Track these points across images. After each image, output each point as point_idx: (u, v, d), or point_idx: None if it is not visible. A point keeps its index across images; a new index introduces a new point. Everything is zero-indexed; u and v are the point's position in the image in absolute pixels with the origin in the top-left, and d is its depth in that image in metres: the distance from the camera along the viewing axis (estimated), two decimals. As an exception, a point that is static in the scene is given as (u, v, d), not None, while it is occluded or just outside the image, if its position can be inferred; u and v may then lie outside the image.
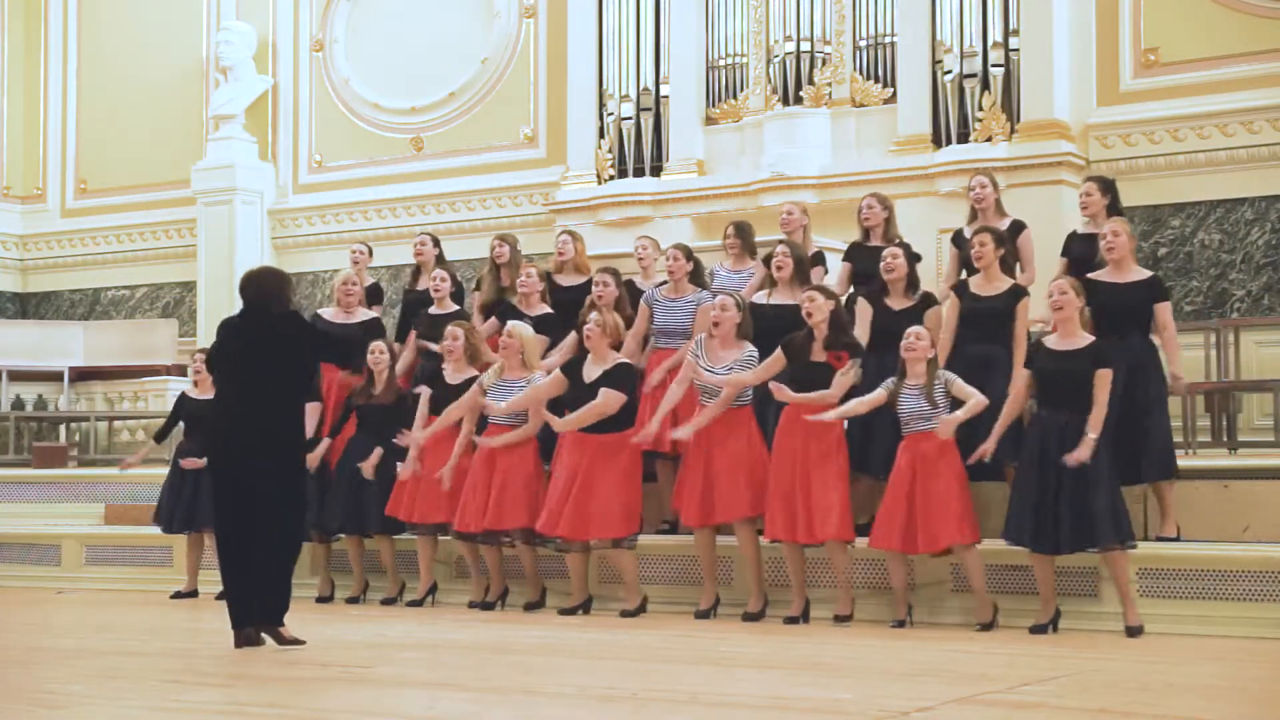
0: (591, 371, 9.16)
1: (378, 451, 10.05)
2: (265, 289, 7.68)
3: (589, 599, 9.39)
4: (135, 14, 17.56)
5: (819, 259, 9.92)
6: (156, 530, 11.88)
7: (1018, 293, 8.95)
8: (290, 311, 7.79)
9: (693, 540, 9.23)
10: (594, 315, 9.28)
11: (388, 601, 10.25)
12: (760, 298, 9.55)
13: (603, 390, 9.02)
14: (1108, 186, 9.41)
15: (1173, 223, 12.19)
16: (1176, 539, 8.66)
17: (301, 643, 7.47)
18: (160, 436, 11.29)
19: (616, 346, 9.31)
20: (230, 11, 16.80)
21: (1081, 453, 7.90)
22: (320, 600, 10.41)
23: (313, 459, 9.90)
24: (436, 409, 9.86)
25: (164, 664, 7.28)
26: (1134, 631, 7.97)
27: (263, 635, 7.48)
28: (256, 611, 7.50)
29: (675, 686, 6.23)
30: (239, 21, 16.64)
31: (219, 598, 10.67)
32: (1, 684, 6.42)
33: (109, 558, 12.13)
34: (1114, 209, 9.32)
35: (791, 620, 8.70)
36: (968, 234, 9.57)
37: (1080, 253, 9.21)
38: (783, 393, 8.55)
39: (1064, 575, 8.39)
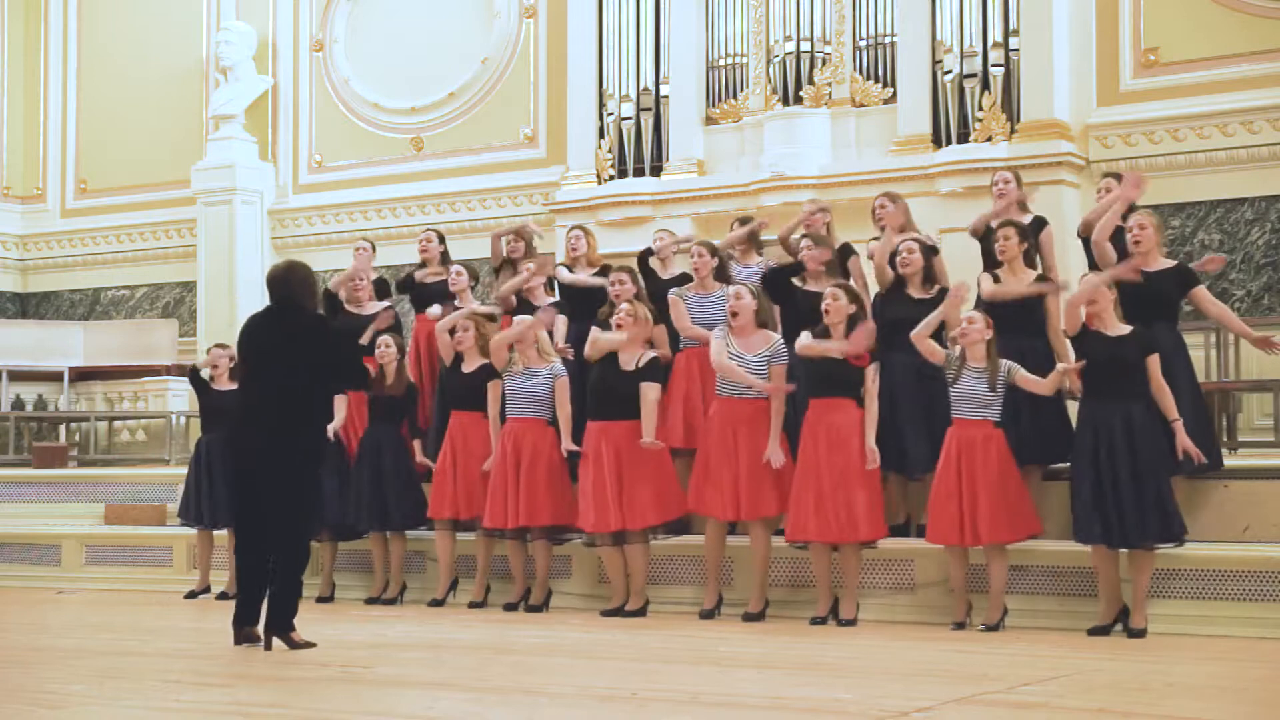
0: (624, 359, 9.17)
1: (417, 444, 10.17)
2: (293, 288, 7.63)
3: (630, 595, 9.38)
4: (135, 14, 17.56)
5: (848, 250, 9.96)
6: (156, 530, 11.91)
7: (1043, 283, 8.96)
8: (317, 316, 7.75)
9: (693, 540, 9.22)
10: (625, 305, 9.30)
11: (388, 602, 10.26)
12: (796, 283, 9.57)
13: (643, 386, 9.05)
14: None
15: (1173, 223, 12.18)
16: (1176, 539, 8.66)
17: (313, 645, 7.46)
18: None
19: (646, 339, 9.31)
20: (230, 11, 16.79)
21: (1186, 443, 7.98)
22: (320, 600, 10.41)
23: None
24: (453, 399, 9.91)
25: (164, 664, 7.28)
26: (1136, 634, 7.96)
27: (274, 640, 7.45)
28: (267, 618, 7.48)
29: (675, 686, 6.23)
30: (239, 21, 16.63)
31: (219, 597, 10.71)
32: (1, 684, 6.42)
33: (109, 558, 12.13)
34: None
35: (819, 620, 8.67)
36: (992, 225, 9.61)
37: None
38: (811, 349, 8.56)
39: (1063, 575, 8.38)
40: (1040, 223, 9.57)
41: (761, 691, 6.10)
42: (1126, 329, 8.13)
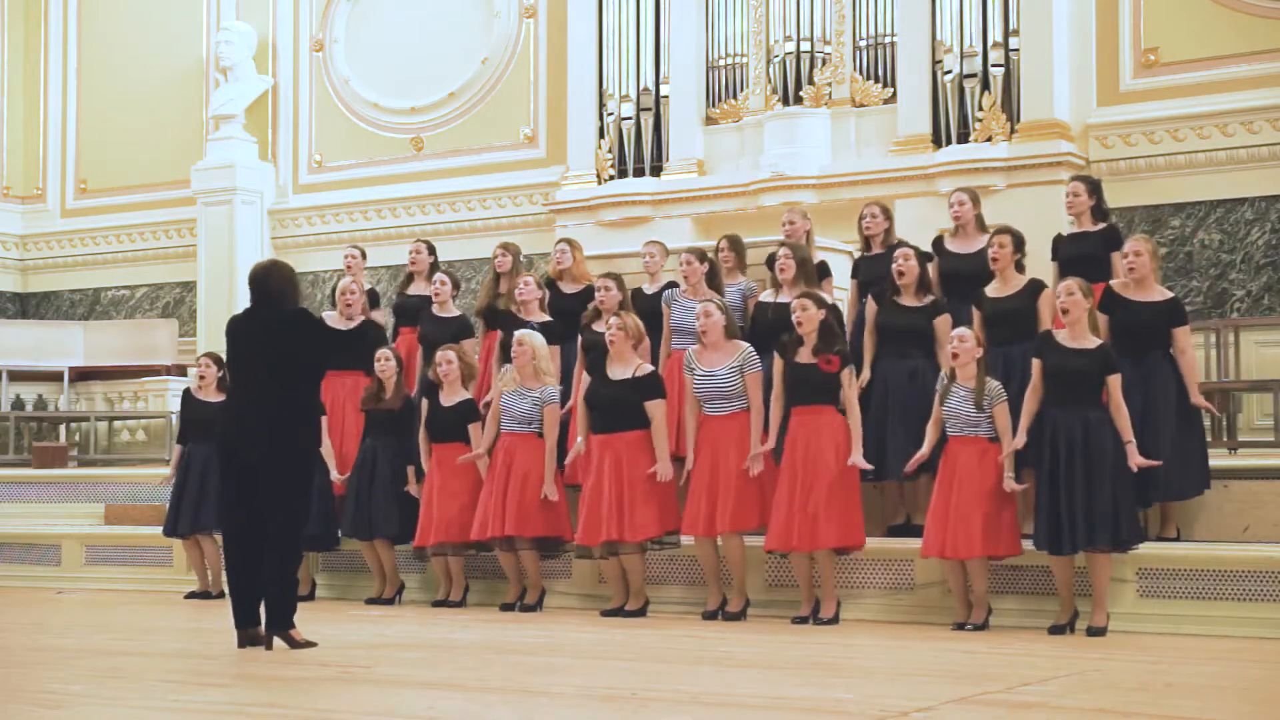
0: (617, 372, 9.13)
1: (411, 471, 10.12)
2: (274, 285, 7.63)
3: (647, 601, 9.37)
4: (135, 14, 17.56)
5: (825, 270, 9.90)
6: (156, 530, 11.89)
7: (1036, 288, 8.91)
8: (299, 309, 7.74)
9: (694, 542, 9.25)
10: (614, 319, 9.24)
11: (385, 602, 10.25)
12: (767, 296, 9.57)
13: (649, 406, 8.99)
14: (1095, 187, 9.39)
15: (1173, 223, 12.19)
16: (1176, 539, 8.66)
17: (313, 644, 7.46)
18: (183, 440, 11.23)
19: (637, 347, 9.28)
20: (230, 11, 16.80)
21: (1139, 460, 7.97)
22: (300, 599, 10.37)
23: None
24: (433, 432, 9.89)
25: (164, 664, 7.28)
26: (1096, 631, 7.98)
27: (274, 640, 7.45)
28: (266, 618, 7.48)
29: (675, 686, 6.23)
30: (239, 21, 16.65)
31: (218, 595, 10.71)
32: (1, 684, 6.42)
33: (109, 558, 12.13)
34: (1099, 210, 9.31)
35: (800, 620, 8.69)
36: (949, 245, 9.58)
37: (1069, 253, 9.20)
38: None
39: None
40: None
41: (761, 691, 6.10)
42: (1094, 343, 8.13)
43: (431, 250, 11.42)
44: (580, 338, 9.97)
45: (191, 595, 10.96)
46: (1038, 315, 8.85)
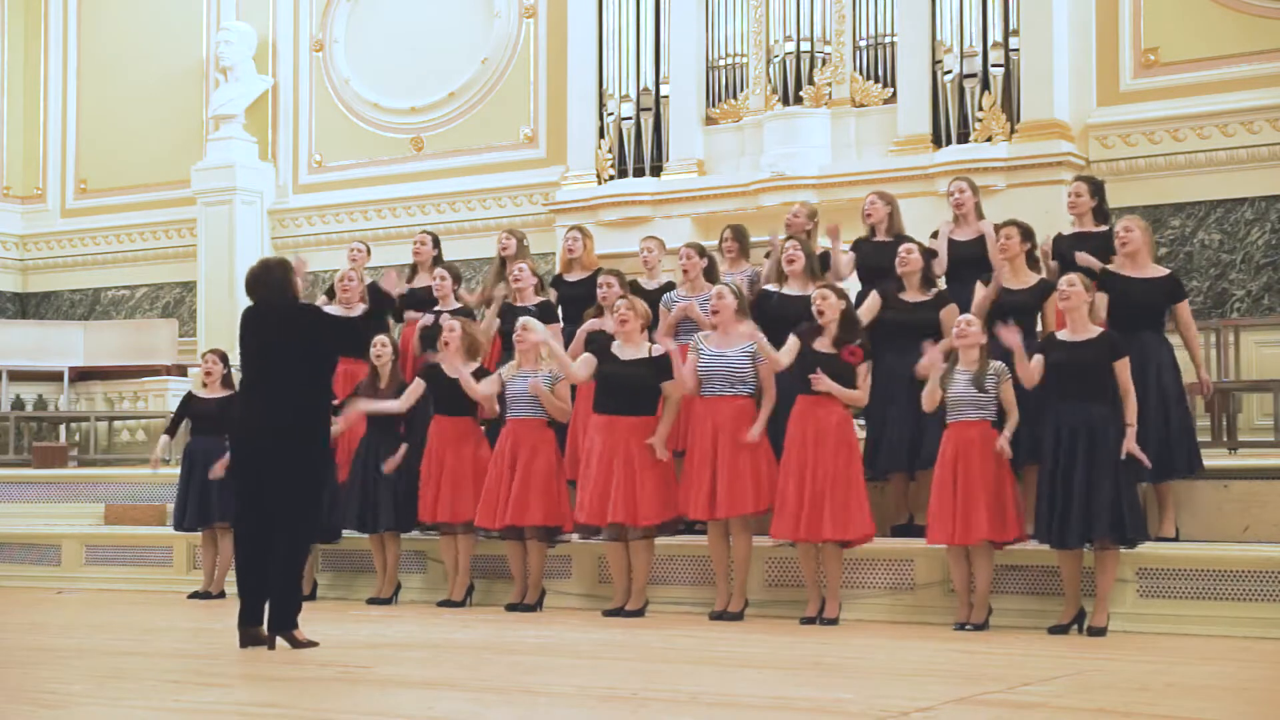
0: (629, 353, 9.12)
1: (402, 449, 10.08)
2: (269, 284, 7.64)
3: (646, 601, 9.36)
4: (135, 14, 17.57)
5: (825, 260, 9.92)
6: (156, 530, 11.90)
7: (1046, 288, 8.89)
8: (303, 304, 7.73)
9: (693, 540, 9.22)
10: (622, 301, 9.27)
11: (383, 601, 10.24)
12: (772, 288, 9.57)
13: (665, 386, 8.98)
14: (1097, 188, 9.43)
15: (1173, 223, 12.19)
16: (1176, 539, 8.66)
17: (315, 644, 7.46)
18: (170, 432, 11.30)
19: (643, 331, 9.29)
20: (230, 11, 16.81)
21: (1132, 448, 7.95)
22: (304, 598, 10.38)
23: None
24: (439, 407, 9.89)
25: (164, 664, 7.28)
26: (1096, 632, 7.98)
27: (277, 640, 7.45)
28: (269, 617, 7.48)
29: (675, 686, 6.23)
30: (239, 21, 16.65)
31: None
32: (1, 684, 6.42)
33: (109, 558, 12.13)
34: (1100, 212, 9.33)
35: (809, 620, 8.68)
36: (950, 235, 9.61)
37: (1069, 250, 9.20)
38: (822, 381, 8.50)
39: (1061, 574, 8.39)
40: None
41: (761, 691, 6.10)
42: (1095, 332, 8.14)
43: (435, 243, 11.46)
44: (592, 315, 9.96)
45: (195, 595, 10.95)
46: (1044, 315, 8.86)
